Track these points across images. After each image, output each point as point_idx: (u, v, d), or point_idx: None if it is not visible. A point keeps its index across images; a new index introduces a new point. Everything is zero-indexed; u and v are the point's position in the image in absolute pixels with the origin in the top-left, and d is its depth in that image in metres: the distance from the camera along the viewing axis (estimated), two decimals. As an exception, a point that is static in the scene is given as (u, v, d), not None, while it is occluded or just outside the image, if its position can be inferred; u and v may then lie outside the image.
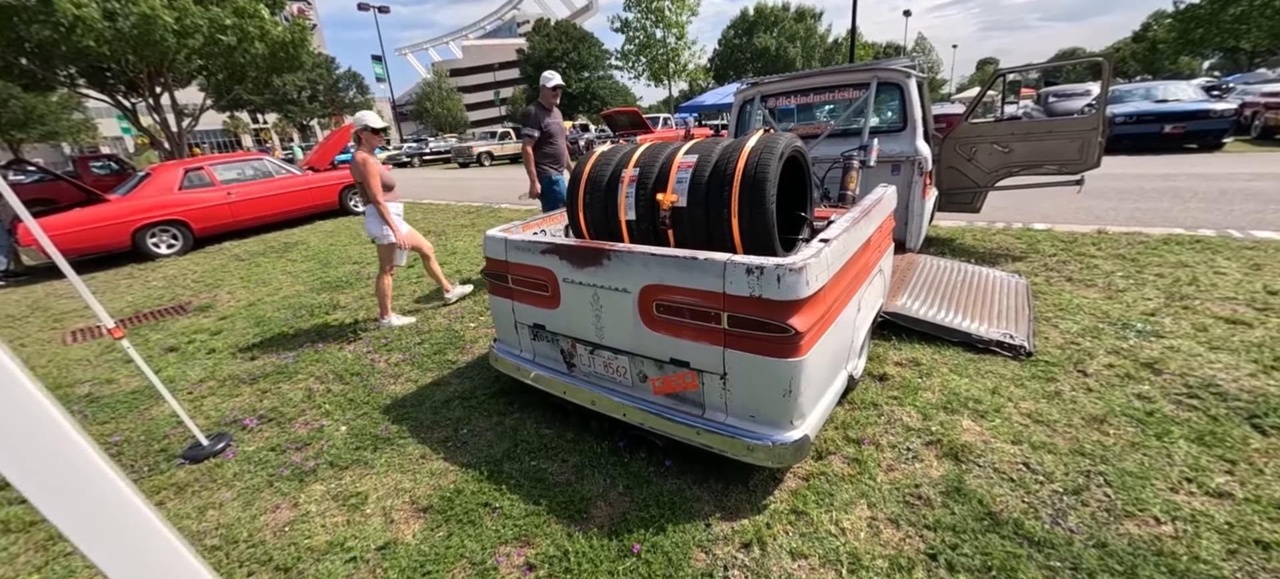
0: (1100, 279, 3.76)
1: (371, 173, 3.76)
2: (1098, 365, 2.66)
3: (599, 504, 2.05)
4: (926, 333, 3.09)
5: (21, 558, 2.04)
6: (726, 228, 2.22)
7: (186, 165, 8.35)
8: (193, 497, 2.34)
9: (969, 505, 1.85)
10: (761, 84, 4.76)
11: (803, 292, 1.75)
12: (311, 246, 7.66)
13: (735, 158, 2.24)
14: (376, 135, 3.89)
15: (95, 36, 10.09)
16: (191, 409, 3.13)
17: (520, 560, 1.82)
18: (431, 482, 2.28)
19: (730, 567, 1.72)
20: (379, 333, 4.04)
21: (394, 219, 3.88)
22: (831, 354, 2.06)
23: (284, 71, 14.45)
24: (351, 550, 1.93)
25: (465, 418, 2.75)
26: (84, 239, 7.13)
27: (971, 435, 2.23)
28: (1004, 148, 4.59)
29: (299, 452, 2.59)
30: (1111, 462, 2.01)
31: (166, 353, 4.13)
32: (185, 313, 5.12)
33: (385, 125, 4.10)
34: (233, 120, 43.59)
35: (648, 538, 1.83)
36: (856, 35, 43.17)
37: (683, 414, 2.11)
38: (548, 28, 46.94)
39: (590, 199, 2.57)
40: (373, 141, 3.87)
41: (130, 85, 12.90)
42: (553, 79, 4.77)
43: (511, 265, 2.59)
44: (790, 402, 1.87)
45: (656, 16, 26.08)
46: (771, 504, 1.96)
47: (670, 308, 2.03)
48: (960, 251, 4.80)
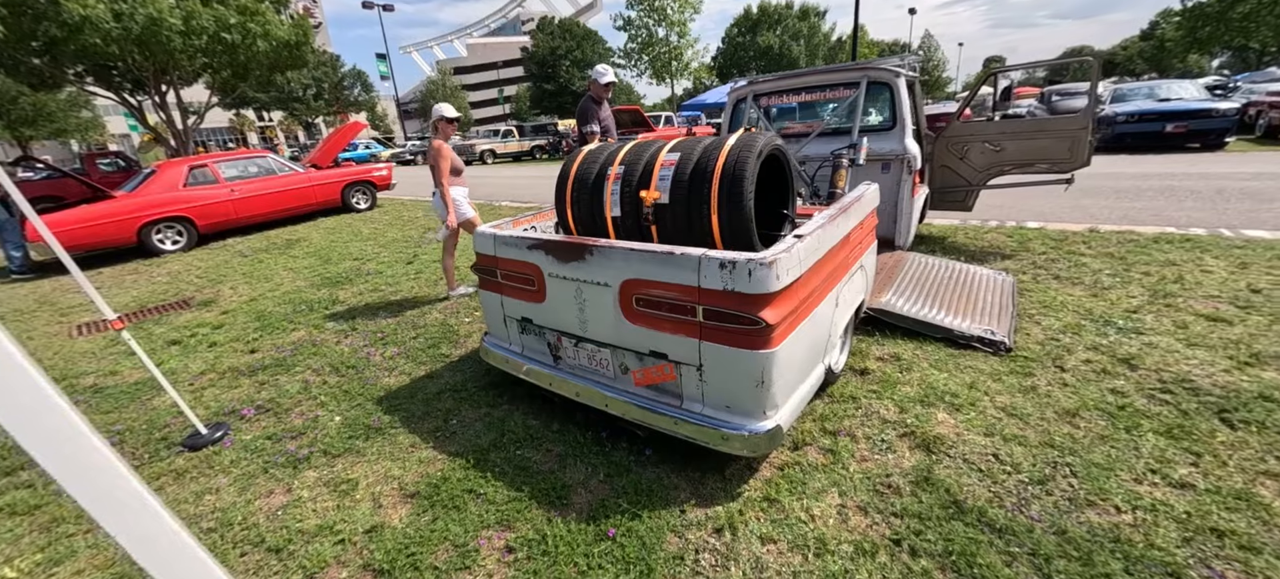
0: (1087, 277, 3.80)
1: (442, 158, 4.20)
2: (1075, 361, 2.70)
3: (579, 491, 2.12)
4: (910, 329, 3.14)
5: (26, 539, 2.13)
6: (707, 224, 2.28)
7: (191, 163, 8.47)
8: (190, 482, 2.42)
9: (936, 494, 1.91)
10: (754, 83, 4.81)
11: (773, 285, 1.80)
12: (313, 243, 7.77)
13: (715, 156, 2.30)
14: (450, 125, 4.33)
15: (103, 36, 10.22)
16: (192, 400, 3.21)
17: (500, 543, 1.88)
18: (420, 469, 2.35)
19: (701, 550, 1.78)
20: (374, 327, 4.12)
21: (453, 203, 4.26)
22: (806, 347, 2.12)
23: (287, 69, 14.59)
24: (340, 533, 2.01)
25: (455, 409, 2.83)
26: (91, 235, 7.26)
27: (945, 428, 2.28)
28: (995, 146, 4.62)
29: (294, 441, 2.67)
30: (1079, 453, 2.05)
31: (169, 346, 4.22)
32: (188, 308, 5.22)
33: (459, 115, 4.50)
34: (239, 118, 43.92)
35: (623, 523, 1.90)
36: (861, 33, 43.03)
37: (662, 405, 2.17)
38: (552, 25, 46.95)
39: (577, 196, 2.64)
40: (447, 131, 4.32)
41: (137, 83, 13.06)
42: (606, 75, 4.90)
43: (500, 261, 2.65)
44: (763, 392, 1.93)
45: (659, 15, 26.09)
46: (745, 492, 2.02)
47: (649, 301, 2.09)
48: (952, 250, 4.83)
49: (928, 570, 1.62)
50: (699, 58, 27.71)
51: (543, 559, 1.79)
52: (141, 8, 10.51)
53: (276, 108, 40.10)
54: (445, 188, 4.23)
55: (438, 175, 4.23)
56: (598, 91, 4.94)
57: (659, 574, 1.70)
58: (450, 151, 4.29)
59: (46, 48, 10.76)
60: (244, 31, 12.22)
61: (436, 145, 4.25)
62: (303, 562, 1.88)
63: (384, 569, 1.82)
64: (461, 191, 4.39)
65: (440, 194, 4.28)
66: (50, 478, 1.87)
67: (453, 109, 4.39)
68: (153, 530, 0.66)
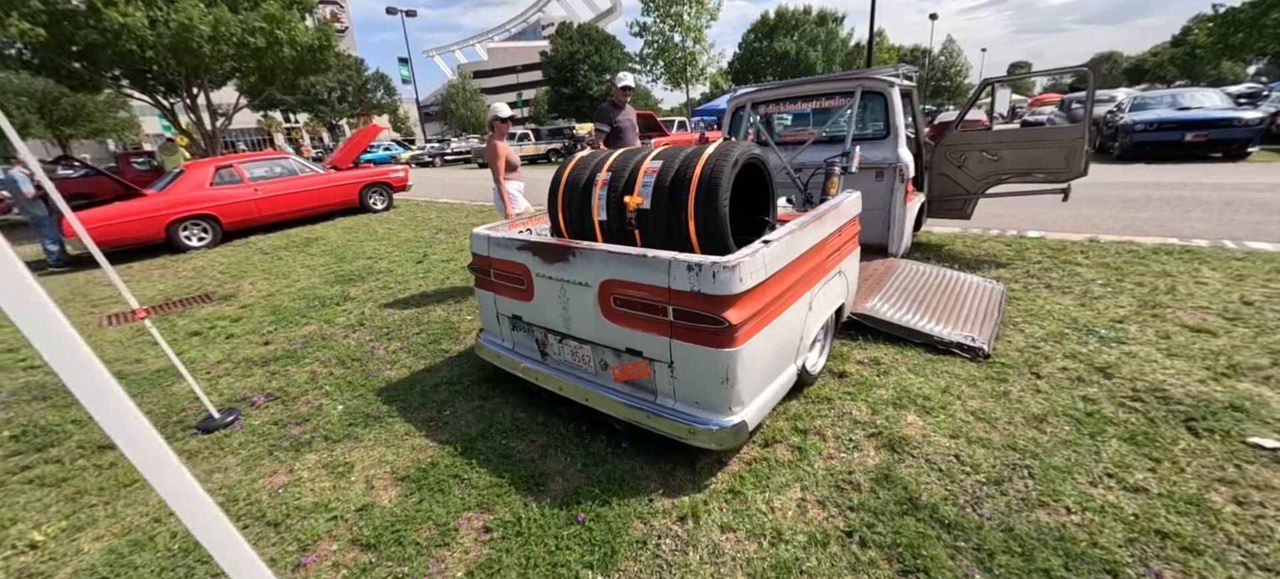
0: (1078, 286, 3.81)
1: (498, 155, 4.45)
2: (1052, 368, 2.74)
3: (557, 479, 2.24)
4: (892, 334, 3.20)
5: (53, 508, 2.32)
6: (684, 229, 2.40)
7: (218, 163, 8.84)
8: (202, 462, 2.60)
9: (893, 491, 1.99)
10: (753, 92, 4.91)
11: (736, 287, 1.91)
12: (330, 242, 8.05)
13: (694, 165, 2.41)
14: (505, 123, 4.61)
15: (138, 42, 10.73)
16: (208, 387, 3.42)
17: (479, 524, 2.02)
18: (411, 455, 2.50)
19: (664, 536, 1.89)
20: (381, 323, 4.31)
21: (510, 197, 4.52)
22: (774, 347, 2.22)
23: (311, 73, 15.06)
24: (334, 510, 2.16)
25: (449, 401, 2.98)
26: (122, 231, 7.63)
27: (913, 429, 2.35)
28: (993, 156, 4.65)
29: (299, 426, 2.84)
30: (1041, 457, 2.11)
31: (190, 337, 4.46)
32: (210, 301, 5.48)
33: (512, 114, 4.80)
34: (267, 119, 45.24)
35: (593, 509, 2.02)
36: (880, 38, 42.67)
37: (637, 400, 2.28)
38: (571, 30, 47.49)
39: (568, 200, 2.77)
40: (502, 129, 4.59)
41: (169, 86, 13.62)
42: (625, 79, 5.11)
43: (493, 260, 2.80)
44: (728, 389, 2.03)
45: (675, 21, 26.25)
46: (712, 484, 2.12)
47: (625, 301, 2.21)
48: (948, 257, 4.86)
49: (874, 560, 1.71)
50: (715, 63, 27.76)
51: (516, 539, 1.92)
52: (174, 16, 11.01)
53: (303, 110, 41.18)
54: (502, 183, 4.46)
55: (495, 172, 4.48)
56: (617, 96, 5.14)
57: (622, 557, 1.81)
58: (505, 149, 4.54)
59: (85, 52, 11.31)
60: (270, 37, 12.68)
61: (493, 144, 4.53)
62: (298, 535, 2.04)
63: (371, 544, 1.96)
64: (517, 186, 4.64)
65: (498, 190, 4.52)
66: (76, 455, 2.09)
67: (507, 107, 4.71)
68: (179, 488, 0.80)
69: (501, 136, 4.63)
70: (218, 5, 11.88)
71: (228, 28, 11.70)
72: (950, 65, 51.74)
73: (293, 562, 1.92)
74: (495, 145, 4.55)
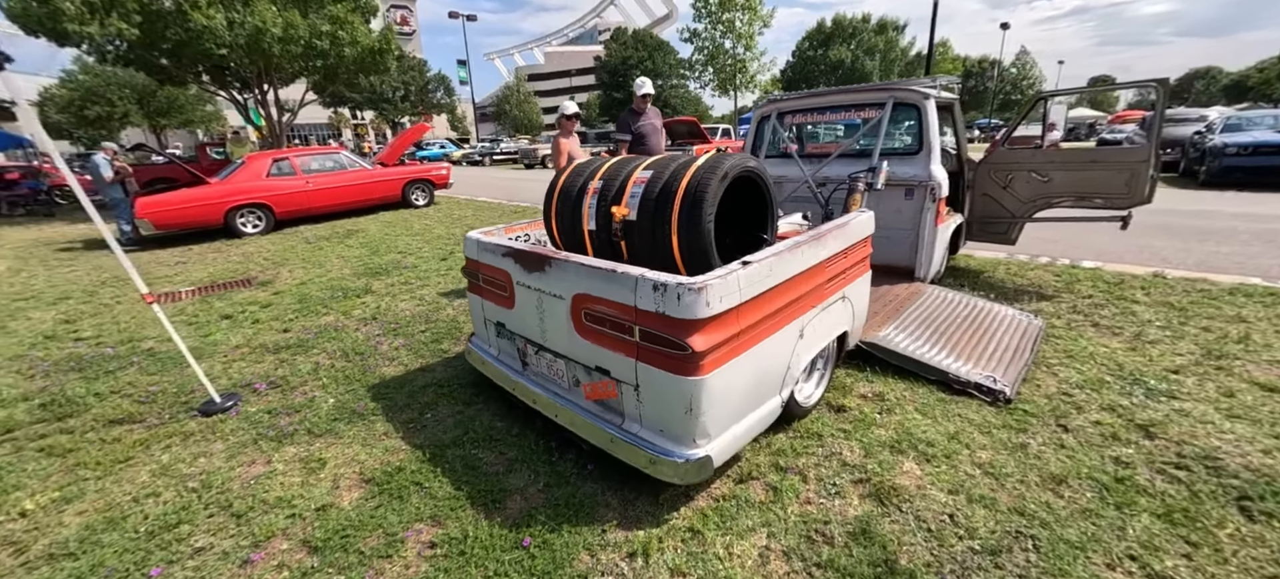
0: (1131, 327, 3.38)
1: (561, 151, 4.69)
2: (1083, 421, 2.42)
3: (516, 497, 2.15)
4: (904, 368, 2.94)
5: (52, 478, 2.45)
6: (668, 244, 2.27)
7: (275, 156, 9.39)
8: (193, 444, 2.69)
9: (870, 550, 1.78)
10: (779, 101, 4.70)
11: (701, 311, 1.76)
12: (369, 235, 8.36)
13: (680, 176, 2.28)
14: (572, 121, 4.87)
15: (217, 41, 11.59)
16: (222, 370, 3.57)
17: (426, 538, 1.96)
18: (383, 457, 2.48)
19: (608, 573, 1.76)
20: (392, 318, 4.39)
21: None
22: (750, 378, 2.05)
23: (372, 73, 15.84)
24: (295, 507, 2.16)
25: (434, 403, 2.96)
26: (187, 215, 8.22)
27: (908, 479, 2.12)
28: (1043, 176, 4.24)
29: (288, 417, 2.90)
30: (1052, 527, 1.84)
31: (221, 319, 4.69)
32: (249, 286, 5.78)
33: (579, 112, 5.09)
34: (336, 115, 48.11)
35: (541, 534, 1.92)
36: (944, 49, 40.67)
37: (605, 421, 2.17)
38: (625, 36, 47.97)
39: (561, 208, 2.70)
40: (569, 126, 4.86)
41: (243, 83, 14.67)
42: (643, 86, 5.16)
43: (481, 265, 2.76)
44: (692, 420, 1.88)
45: (727, 27, 25.95)
46: (672, 520, 1.97)
47: (595, 317, 2.10)
48: (985, 285, 4.46)
49: (831, 629, 1.52)
50: (765, 71, 27.23)
51: (458, 559, 1.85)
52: (249, 17, 11.85)
53: (368, 107, 43.50)
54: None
55: (556, 168, 4.59)
56: (637, 103, 5.14)
57: (559, 590, 1.70)
58: (568, 145, 4.71)
59: (173, 50, 12.33)
60: (334, 39, 13.44)
61: (557, 140, 4.74)
62: (254, 529, 2.05)
63: (318, 547, 1.94)
64: None
65: None
66: (88, 427, 2.16)
67: (574, 105, 4.91)
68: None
69: (568, 133, 4.82)
70: (289, 9, 12.70)
71: (296, 29, 12.48)
72: (1022, 78, 48.59)
73: (243, 557, 1.92)
74: (559, 142, 4.71)
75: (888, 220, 4.14)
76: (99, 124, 26.28)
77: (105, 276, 6.53)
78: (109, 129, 26.65)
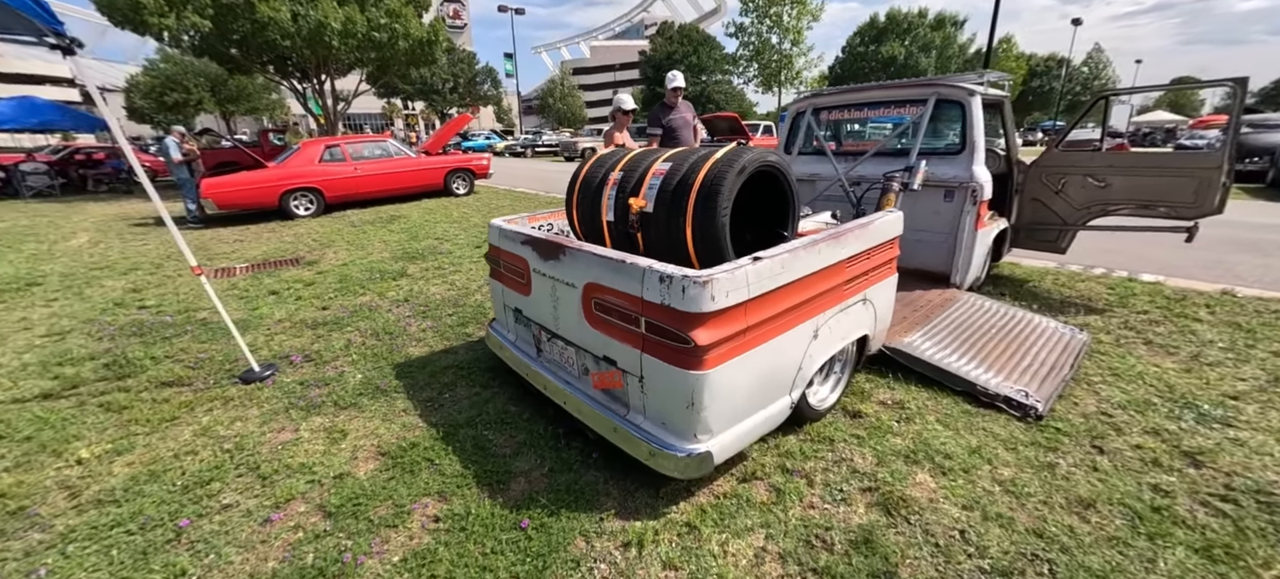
0: (1188, 347, 3.12)
1: (607, 142, 4.75)
2: (1121, 444, 2.26)
3: (520, 480, 2.20)
4: (929, 377, 2.81)
5: (108, 431, 2.67)
6: (682, 236, 2.25)
7: (327, 143, 9.86)
8: (232, 408, 2.87)
9: (871, 560, 1.72)
10: (815, 97, 4.57)
11: (706, 306, 1.74)
12: (411, 221, 8.67)
13: (697, 169, 2.26)
14: (626, 116, 4.89)
15: (282, 33, 12.26)
16: (264, 342, 3.79)
17: (432, 512, 2.02)
18: (400, 432, 2.58)
19: (600, 560, 1.77)
20: (423, 301, 4.54)
21: None
22: (759, 376, 2.01)
23: (421, 65, 16.38)
24: (315, 474, 2.28)
25: (452, 384, 3.05)
26: (245, 196, 8.74)
27: (921, 490, 2.03)
28: (1100, 182, 3.96)
29: (318, 389, 3.05)
30: (1072, 552, 1.73)
31: (269, 295, 4.97)
32: (296, 265, 6.10)
33: (634, 107, 5.08)
34: (389, 105, 50.05)
35: (541, 518, 1.95)
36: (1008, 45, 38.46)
37: (610, 410, 2.18)
38: (671, 30, 47.68)
39: (582, 199, 2.72)
40: (623, 121, 4.87)
41: (303, 73, 15.45)
42: (674, 80, 5.18)
43: (501, 252, 2.82)
44: (693, 415, 1.87)
45: (774, 21, 25.38)
46: (670, 514, 1.97)
47: (604, 306, 2.11)
48: (1030, 295, 4.21)
49: (820, 637, 1.48)
50: (812, 67, 26.51)
51: (459, 534, 1.90)
52: (312, 12, 12.47)
53: (419, 98, 45.02)
54: None
55: None
56: (669, 97, 5.14)
57: (551, 573, 1.73)
58: (619, 141, 4.74)
59: (241, 41, 13.11)
60: (390, 32, 13.98)
61: (610, 134, 4.80)
62: (277, 491, 2.17)
63: (332, 511, 2.04)
64: None
65: None
66: (143, 387, 2.35)
67: (630, 100, 4.92)
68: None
69: (621, 128, 4.81)
70: (349, 4, 13.30)
71: (355, 23, 13.05)
72: (1094, 77, 45.40)
73: (264, 516, 2.04)
74: (612, 136, 4.72)
75: (925, 222, 3.97)
76: (176, 109, 28.33)
77: (171, 250, 7.03)
78: (185, 114, 28.70)
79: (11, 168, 13.64)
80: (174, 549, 1.89)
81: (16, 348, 3.77)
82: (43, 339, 3.93)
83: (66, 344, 3.81)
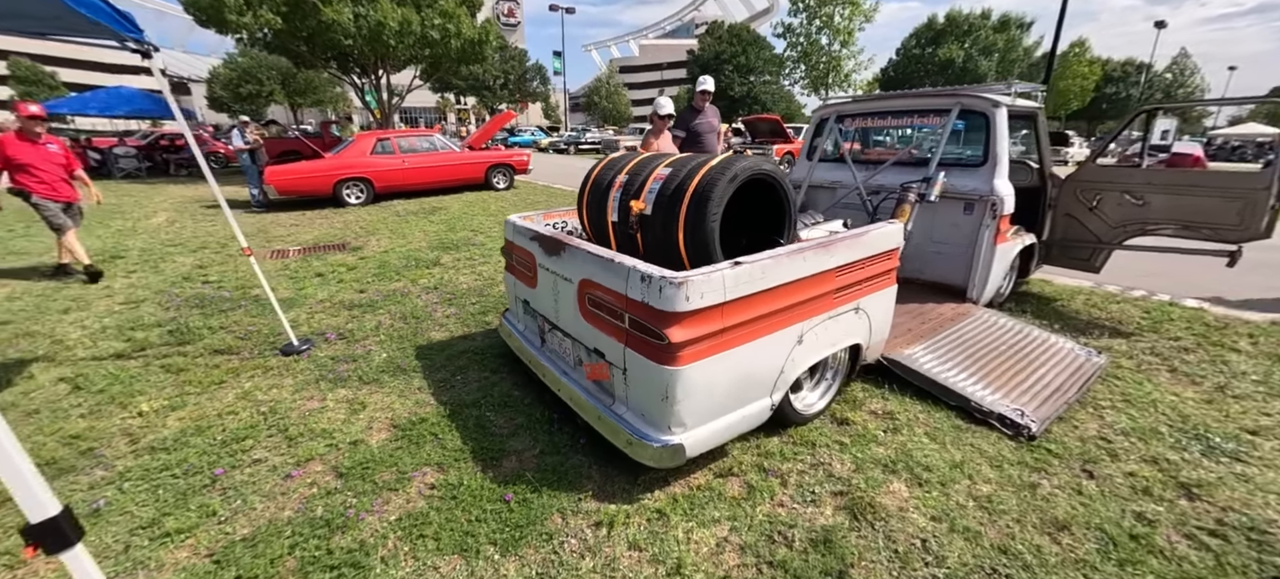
0: (1216, 378, 2.96)
1: (645, 148, 4.74)
2: (1114, 470, 2.20)
3: (512, 458, 2.37)
4: (925, 390, 2.80)
5: (167, 389, 3.03)
6: (676, 239, 2.36)
7: (379, 136, 10.45)
8: (271, 377, 3.18)
9: (826, 559, 1.79)
10: (838, 104, 4.55)
11: (680, 305, 1.85)
12: (451, 212, 9.09)
13: (693, 176, 2.36)
14: (664, 121, 4.81)
15: (344, 32, 13.07)
16: (306, 319, 4.14)
17: (429, 480, 2.22)
18: (412, 408, 2.81)
19: (573, 536, 1.91)
20: (451, 289, 4.82)
21: None
22: (734, 376, 2.09)
23: (472, 63, 17.03)
24: (334, 439, 2.53)
25: (465, 367, 3.27)
26: (303, 184, 9.40)
27: (891, 499, 2.07)
28: (1138, 199, 3.79)
29: (346, 365, 3.34)
30: (1034, 571, 1.74)
31: (315, 277, 5.39)
32: (342, 250, 6.55)
33: (671, 112, 4.95)
34: (443, 100, 52.08)
35: (524, 493, 2.11)
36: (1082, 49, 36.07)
37: (598, 399, 2.32)
38: (720, 29, 47.31)
39: (592, 199, 2.87)
40: (661, 125, 4.81)
41: (362, 69, 16.38)
42: (703, 83, 5.17)
43: (514, 246, 3.01)
44: (668, 408, 1.98)
45: (825, 22, 24.81)
46: (644, 500, 2.08)
47: (596, 302, 2.25)
48: (1056, 314, 4.06)
49: (762, 622, 1.57)
50: (863, 69, 25.74)
51: (449, 501, 2.09)
52: (372, 13, 13.26)
53: (470, 94, 46.60)
54: None
55: None
56: (696, 100, 5.17)
57: (525, 544, 1.88)
58: (657, 146, 4.65)
59: (309, 38, 14.06)
60: (443, 32, 14.65)
61: (649, 140, 4.76)
62: (300, 451, 2.43)
63: (344, 472, 2.27)
64: None
65: None
66: (199, 353, 2.71)
67: (669, 104, 4.83)
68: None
69: (659, 133, 4.70)
70: (406, 5, 14.03)
71: (410, 24, 13.77)
72: (1178, 84, 41.94)
73: (287, 472, 2.29)
74: (650, 142, 4.64)
75: (943, 234, 3.91)
76: (250, 100, 30.57)
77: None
78: (257, 105, 30.94)
79: (107, 151, 15.17)
80: (209, 493, 2.16)
81: (98, 312, 4.27)
82: (121, 306, 4.44)
83: (139, 312, 4.29)
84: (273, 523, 2.00)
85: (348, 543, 1.89)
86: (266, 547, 1.88)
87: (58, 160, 5.08)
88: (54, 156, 5.06)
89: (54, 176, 5.04)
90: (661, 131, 4.83)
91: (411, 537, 1.92)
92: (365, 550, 1.86)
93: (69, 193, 5.20)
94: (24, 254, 6.21)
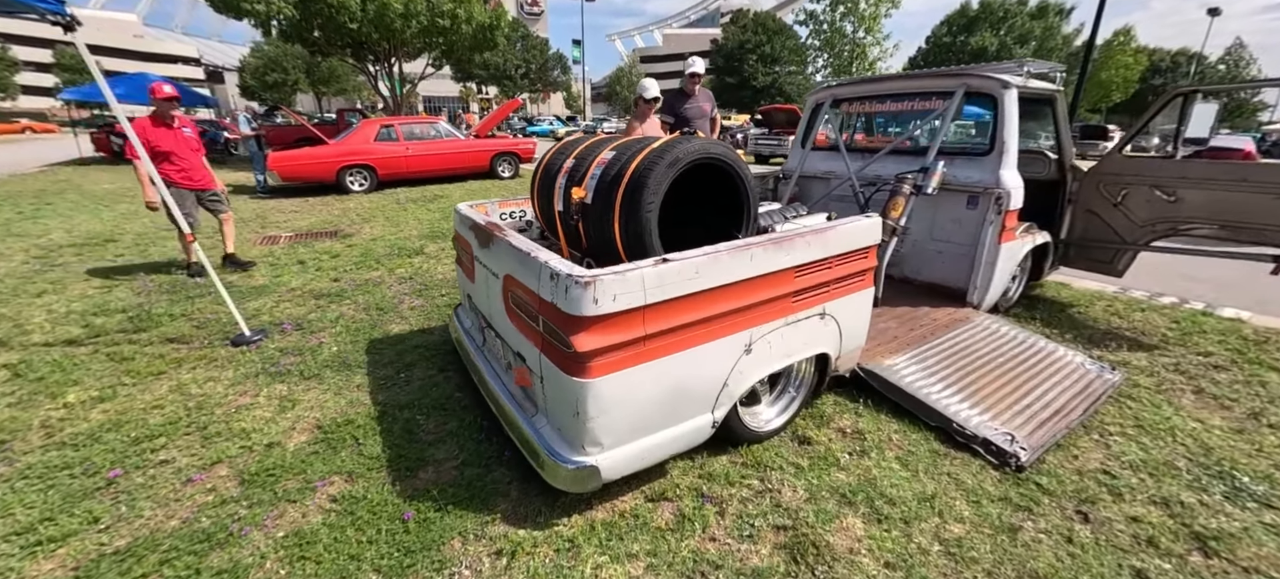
0: (1250, 402, 2.57)
1: (630, 133, 4.40)
2: (1114, 512, 1.87)
3: (430, 469, 2.16)
4: (904, 407, 2.49)
5: (104, 379, 2.91)
6: (612, 230, 2.11)
7: (382, 123, 10.39)
8: (212, 368, 3.05)
9: (751, 609, 1.52)
10: (834, 87, 4.19)
11: (587, 309, 1.60)
12: (450, 201, 8.96)
13: (630, 160, 2.10)
14: (648, 105, 4.40)
15: (350, 16, 13.06)
16: (271, 308, 4.01)
17: (333, 491, 2.03)
18: (344, 407, 2.62)
19: (469, 565, 1.70)
20: (424, 280, 4.65)
21: None
22: (663, 390, 1.83)
23: (484, 50, 16.93)
24: (251, 440, 2.36)
25: (412, 365, 3.08)
26: (307, 170, 9.39)
27: (842, 539, 1.79)
28: (1169, 195, 3.37)
29: (291, 358, 3.18)
30: (1000, 636, 1.44)
31: (297, 264, 5.28)
32: (333, 238, 6.46)
33: (656, 95, 4.55)
34: (465, 89, 52.37)
35: (427, 512, 1.90)
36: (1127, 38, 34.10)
37: (521, 409, 2.09)
38: (745, 18, 46.23)
39: (542, 187, 2.63)
40: (644, 111, 4.39)
41: (377, 56, 16.42)
42: (694, 65, 4.85)
43: (458, 236, 2.79)
44: (580, 425, 1.74)
45: (849, 7, 23.87)
46: (557, 526, 1.85)
47: (517, 301, 2.02)
48: (1068, 322, 3.66)
49: (655, 690, 1.32)
50: (888, 57, 24.74)
51: (347, 517, 1.89)
52: (375, -2, 13.26)
53: (491, 83, 46.72)
54: None
55: None
56: (686, 83, 4.90)
57: (413, 571, 1.67)
58: (638, 129, 4.31)
59: (323, 25, 14.11)
60: (452, 16, 14.54)
61: (631, 125, 4.37)
62: (211, 452, 2.27)
63: (248, 479, 2.10)
64: None
65: None
66: (149, 342, 2.49)
67: (654, 87, 4.40)
68: None
69: (643, 118, 4.31)
70: (412, -12, 13.97)
71: (416, 5, 13.68)
72: (1232, 76, 39.33)
73: (188, 476, 2.13)
74: (633, 127, 4.27)
75: (944, 232, 3.56)
76: (276, 88, 31.21)
77: (239, 217, 7.67)
78: (282, 93, 31.54)
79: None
80: (99, 497, 2.01)
81: (70, 296, 4.23)
82: (94, 290, 4.39)
83: (110, 297, 4.23)
84: (153, 535, 1.83)
85: (221, 562, 1.71)
86: (135, 563, 1.71)
87: (193, 145, 4.68)
88: (189, 141, 4.62)
89: (193, 162, 4.65)
90: (647, 116, 4.46)
91: (292, 558, 1.72)
92: (238, 572, 1.67)
93: (205, 178, 4.78)
94: (24, 236, 6.29)
